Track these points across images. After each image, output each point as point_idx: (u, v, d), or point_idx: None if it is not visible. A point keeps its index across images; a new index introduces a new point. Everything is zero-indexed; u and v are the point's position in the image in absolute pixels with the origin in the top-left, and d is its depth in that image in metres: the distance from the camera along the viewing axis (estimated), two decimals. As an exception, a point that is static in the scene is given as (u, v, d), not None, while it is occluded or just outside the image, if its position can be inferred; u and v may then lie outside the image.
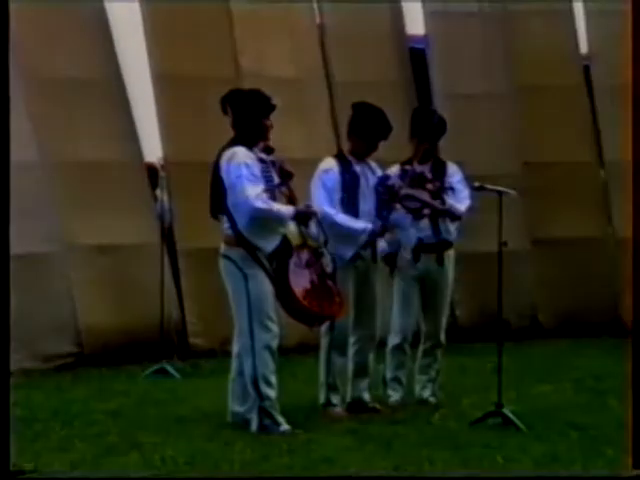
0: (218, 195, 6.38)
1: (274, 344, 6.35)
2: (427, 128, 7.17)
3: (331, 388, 6.92)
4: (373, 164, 7.09)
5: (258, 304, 6.29)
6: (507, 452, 5.82)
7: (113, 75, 9.55)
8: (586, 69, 11.11)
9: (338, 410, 6.91)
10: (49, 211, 9.01)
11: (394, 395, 7.24)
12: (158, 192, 9.80)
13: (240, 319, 6.36)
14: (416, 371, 7.34)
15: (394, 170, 7.16)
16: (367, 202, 6.91)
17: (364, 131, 6.92)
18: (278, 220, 6.34)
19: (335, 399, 6.92)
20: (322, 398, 6.95)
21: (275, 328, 6.36)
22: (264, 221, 6.28)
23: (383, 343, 7.27)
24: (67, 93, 9.31)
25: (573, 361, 9.15)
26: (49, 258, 8.98)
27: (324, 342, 6.91)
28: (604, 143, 11.00)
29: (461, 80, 10.74)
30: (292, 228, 6.44)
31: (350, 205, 6.85)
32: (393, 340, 7.22)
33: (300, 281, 6.37)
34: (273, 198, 6.37)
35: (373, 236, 6.81)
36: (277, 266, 6.37)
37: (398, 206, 6.97)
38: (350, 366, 6.99)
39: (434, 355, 7.29)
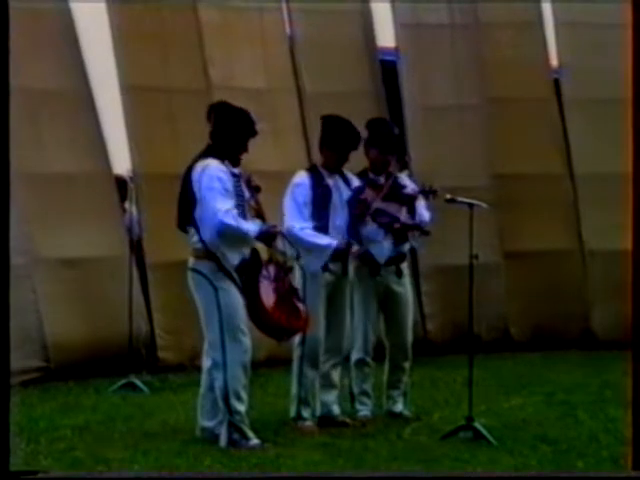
0: (187, 207, 6.31)
1: (246, 358, 6.30)
2: (390, 140, 7.15)
3: (302, 402, 6.88)
4: (349, 175, 7.08)
5: (230, 317, 6.23)
6: (478, 466, 5.79)
7: (81, 86, 9.47)
8: (556, 81, 11.14)
9: (309, 424, 6.87)
10: (15, 223, 8.84)
11: (363, 409, 7.19)
12: (127, 204, 9.73)
13: (212, 333, 6.29)
14: (385, 385, 7.29)
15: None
16: (339, 216, 6.90)
17: (334, 143, 6.90)
18: (243, 238, 6.27)
19: (306, 413, 6.88)
20: (293, 411, 6.90)
21: (247, 341, 6.31)
22: (230, 237, 6.21)
23: (347, 357, 7.24)
24: (34, 104, 9.21)
25: (544, 374, 9.15)
26: (15, 271, 8.72)
27: (296, 355, 6.90)
28: (574, 155, 11.02)
29: (431, 92, 10.75)
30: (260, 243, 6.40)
31: (321, 219, 6.83)
32: (356, 354, 7.20)
33: (269, 295, 6.32)
34: (244, 212, 6.32)
35: (339, 251, 6.77)
36: (247, 279, 6.31)
37: (370, 220, 6.95)
38: (317, 379, 6.98)
39: (403, 369, 7.26)
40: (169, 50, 9.82)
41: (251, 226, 6.28)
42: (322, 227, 6.83)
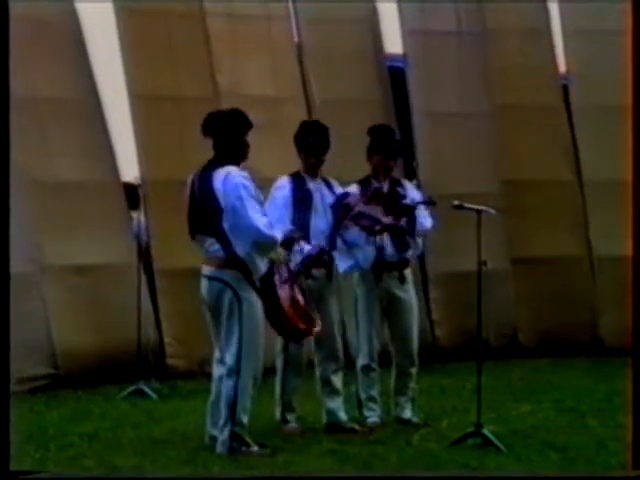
0: (207, 216, 6.24)
1: (259, 371, 6.33)
2: (391, 146, 7.17)
3: (286, 406, 7.00)
4: (333, 182, 7.16)
5: (250, 329, 6.22)
6: (487, 473, 5.77)
7: (89, 94, 9.51)
8: (564, 88, 11.13)
9: (292, 426, 6.97)
10: (24, 231, 8.91)
11: (372, 416, 7.18)
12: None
13: (230, 342, 6.25)
14: (392, 392, 7.29)
15: (353, 189, 7.16)
16: (320, 219, 6.94)
17: (301, 147, 7.00)
18: (274, 246, 6.29)
19: (290, 417, 7.00)
20: (278, 415, 7.01)
21: (262, 355, 6.33)
22: (264, 245, 6.21)
23: (352, 364, 7.26)
24: (43, 112, 9.27)
25: (553, 381, 9.13)
26: (24, 278, 8.87)
27: (279, 362, 6.96)
28: (582, 162, 11.01)
29: (439, 98, 10.75)
30: None
31: (302, 222, 6.86)
32: (361, 360, 7.21)
33: (285, 297, 6.33)
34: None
35: (309, 258, 6.79)
36: (263, 283, 6.29)
37: (352, 223, 6.96)
38: (319, 387, 7.05)
39: (409, 375, 7.25)
40: (177, 58, 9.84)
41: (277, 232, 6.31)
42: (304, 230, 6.87)
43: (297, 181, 6.97)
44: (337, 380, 7.06)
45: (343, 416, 7.04)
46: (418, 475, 5.60)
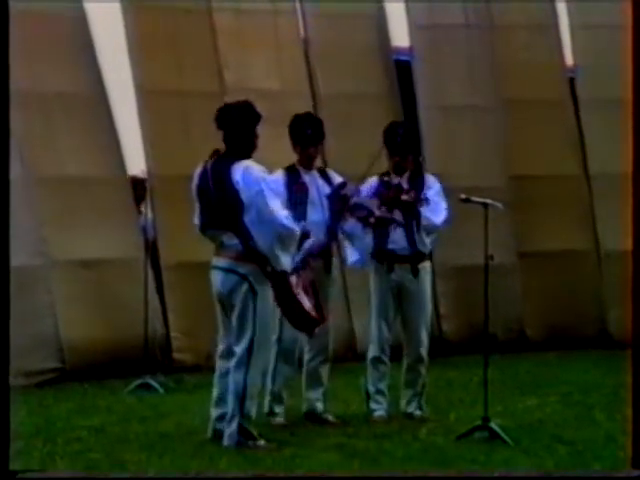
0: (226, 211, 6.21)
1: (268, 365, 6.39)
2: (393, 142, 7.17)
3: (275, 398, 6.98)
4: (332, 173, 7.18)
5: (263, 322, 6.24)
6: (494, 467, 5.77)
7: (96, 89, 9.52)
8: (571, 82, 11.12)
9: (279, 420, 6.97)
10: (32, 226, 8.96)
11: (378, 409, 7.19)
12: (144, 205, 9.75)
13: (241, 335, 6.25)
14: (402, 385, 7.29)
15: (372, 181, 7.20)
16: (316, 212, 6.95)
17: (298, 140, 7.02)
18: (294, 239, 6.29)
19: (278, 409, 6.99)
20: (266, 407, 6.99)
21: (272, 350, 6.37)
22: (286, 239, 6.20)
23: (362, 356, 7.23)
24: (49, 107, 9.29)
25: (560, 374, 9.13)
26: (31, 273, 8.91)
27: (272, 352, 6.90)
28: (589, 156, 11.00)
29: (446, 92, 10.75)
30: None
31: (298, 215, 6.82)
32: (371, 352, 7.22)
33: (296, 287, 6.33)
34: None
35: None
36: (276, 272, 6.26)
37: (348, 214, 6.98)
38: (304, 375, 7.07)
39: (417, 370, 7.24)
40: (184, 53, 9.85)
41: (296, 225, 6.32)
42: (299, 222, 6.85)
43: (291, 175, 6.98)
44: (324, 372, 7.09)
45: (320, 406, 7.07)
46: (423, 475, 5.59)
